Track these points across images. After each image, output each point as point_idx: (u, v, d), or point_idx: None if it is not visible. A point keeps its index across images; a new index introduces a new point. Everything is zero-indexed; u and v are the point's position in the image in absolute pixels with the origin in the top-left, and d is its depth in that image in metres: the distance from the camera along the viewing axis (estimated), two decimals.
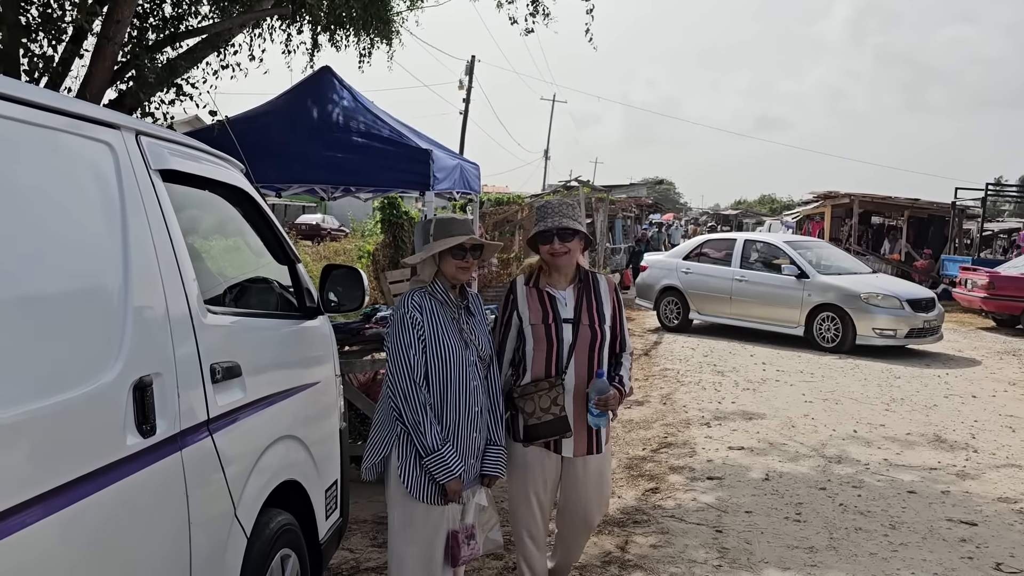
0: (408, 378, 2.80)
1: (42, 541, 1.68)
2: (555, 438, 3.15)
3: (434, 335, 2.86)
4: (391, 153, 5.67)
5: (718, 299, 12.05)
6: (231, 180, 2.96)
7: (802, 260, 11.39)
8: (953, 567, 4.06)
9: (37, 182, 1.87)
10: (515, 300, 3.26)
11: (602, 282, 3.32)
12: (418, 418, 2.79)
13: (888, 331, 10.53)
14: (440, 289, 2.95)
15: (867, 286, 10.95)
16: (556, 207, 3.26)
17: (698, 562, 4.08)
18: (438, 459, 2.78)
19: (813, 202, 26.01)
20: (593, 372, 3.17)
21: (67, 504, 1.76)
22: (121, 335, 2.03)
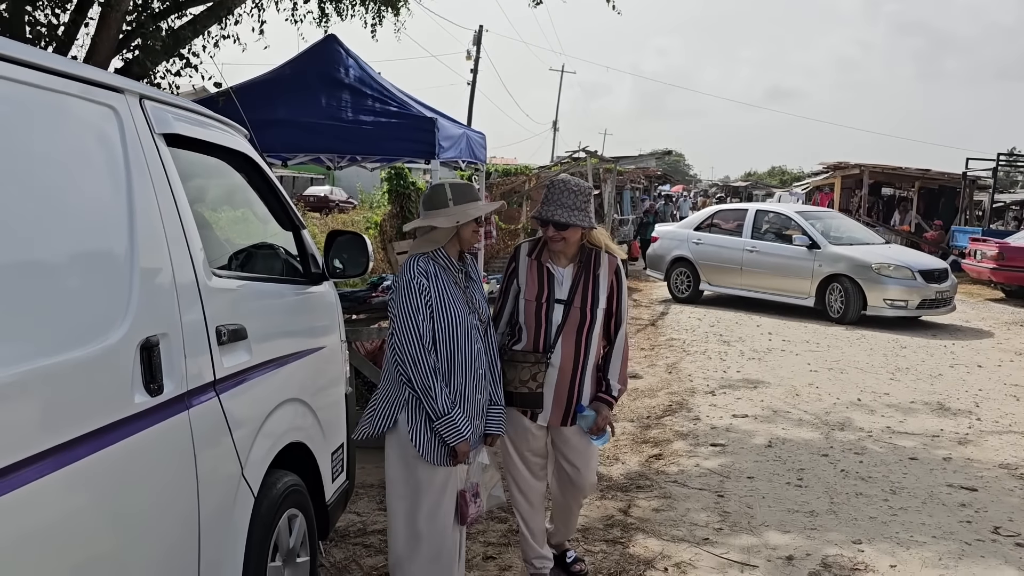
0: (417, 343, 2.81)
1: (53, 494, 1.73)
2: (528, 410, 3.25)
3: (440, 300, 2.88)
4: (396, 122, 5.67)
5: (729, 270, 11.92)
6: (236, 145, 2.98)
7: (813, 230, 11.25)
8: (951, 530, 4.11)
9: (44, 145, 1.90)
10: (516, 269, 3.31)
11: (603, 264, 3.27)
12: (428, 383, 2.81)
13: (899, 302, 10.41)
14: (443, 254, 2.96)
15: (879, 256, 10.82)
16: (558, 194, 3.18)
17: (699, 525, 4.14)
18: (448, 422, 2.81)
19: (823, 173, 25.83)
20: (581, 351, 3.22)
21: (77, 458, 1.80)
22: (128, 296, 2.07)
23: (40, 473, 1.69)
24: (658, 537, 3.99)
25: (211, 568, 2.39)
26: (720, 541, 3.94)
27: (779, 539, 3.97)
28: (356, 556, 3.78)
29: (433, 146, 5.66)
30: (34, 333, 1.75)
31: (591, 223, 3.22)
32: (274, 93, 5.90)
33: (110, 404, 1.95)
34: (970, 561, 3.75)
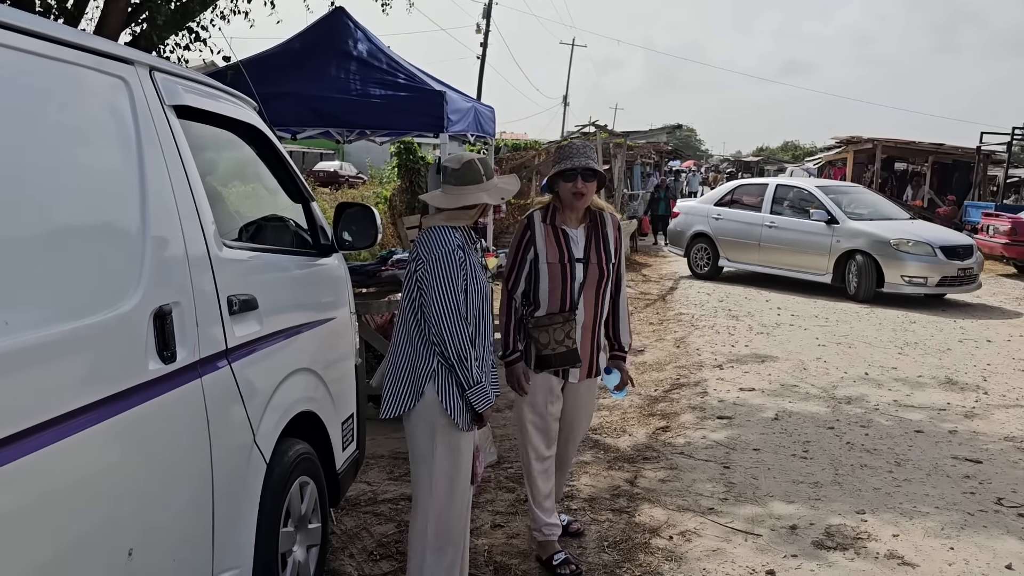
0: (456, 314, 2.81)
1: (71, 457, 1.78)
2: (565, 368, 3.36)
3: (472, 273, 2.90)
4: (404, 95, 5.68)
5: (747, 246, 11.68)
6: (245, 117, 3.00)
7: (833, 205, 10.98)
8: (955, 501, 4.15)
9: (57, 116, 1.94)
10: (533, 237, 3.37)
11: (608, 221, 3.45)
12: (466, 353, 2.82)
13: (918, 279, 10.13)
14: (464, 227, 2.99)
15: (898, 232, 10.50)
16: (579, 148, 3.37)
17: (704, 495, 4.19)
18: (480, 391, 2.85)
19: (835, 148, 25.65)
20: (598, 306, 3.39)
21: (95, 422, 1.85)
22: (140, 265, 2.11)
23: (60, 436, 1.74)
24: (663, 507, 4.04)
25: (225, 532, 2.45)
26: (725, 511, 4.00)
27: (783, 509, 4.02)
28: (366, 524, 3.85)
29: (442, 119, 5.67)
30: (50, 300, 1.79)
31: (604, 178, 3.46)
32: (283, 66, 5.90)
33: (125, 370, 2.00)
34: (972, 531, 3.79)
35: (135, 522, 2.03)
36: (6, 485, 1.59)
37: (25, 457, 1.64)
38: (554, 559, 3.41)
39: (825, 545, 3.62)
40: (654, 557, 3.51)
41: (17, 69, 1.82)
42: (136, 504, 2.03)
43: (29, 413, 1.67)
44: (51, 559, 1.73)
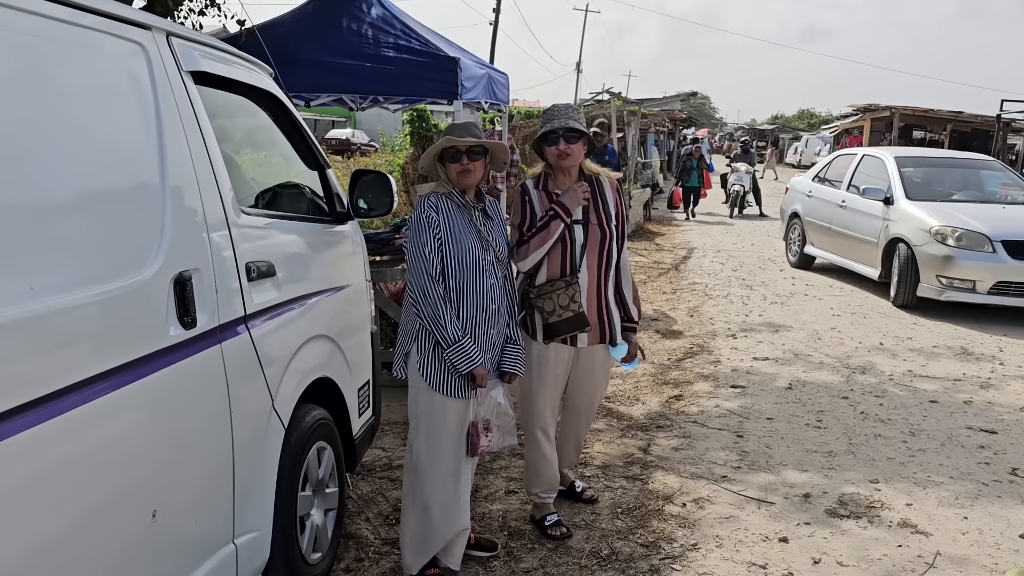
0: (424, 272, 2.87)
1: (93, 422, 1.80)
2: (574, 333, 3.30)
3: (451, 234, 2.92)
4: (419, 62, 5.63)
5: (824, 230, 10.01)
6: (261, 84, 2.99)
7: (896, 179, 8.89)
8: (969, 471, 4.15)
9: (76, 81, 1.93)
10: (530, 200, 3.34)
11: (605, 183, 3.43)
12: (437, 312, 2.85)
13: (962, 282, 7.64)
14: (457, 192, 2.99)
15: (951, 217, 8.03)
16: (561, 109, 3.36)
17: (718, 463, 4.21)
18: (459, 350, 2.85)
19: (852, 116, 25.36)
20: (603, 269, 3.33)
21: (116, 388, 1.87)
22: (160, 231, 2.12)
23: (84, 400, 1.76)
24: (677, 474, 4.06)
25: (245, 495, 2.49)
26: (738, 479, 4.02)
27: (796, 477, 4.04)
28: (382, 489, 3.90)
29: (455, 86, 5.63)
30: (74, 265, 1.81)
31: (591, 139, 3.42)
32: (296, 32, 5.86)
33: (146, 335, 2.02)
34: (986, 501, 3.80)
35: (158, 485, 2.06)
36: (34, 449, 1.62)
37: (51, 420, 1.66)
38: (546, 520, 3.47)
39: (838, 513, 3.64)
40: (667, 524, 3.54)
41: (37, 34, 1.81)
42: (159, 467, 2.06)
43: (54, 377, 1.69)
44: (79, 520, 1.76)
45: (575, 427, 3.67)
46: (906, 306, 8.07)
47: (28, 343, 1.63)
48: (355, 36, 5.81)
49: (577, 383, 3.49)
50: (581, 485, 3.79)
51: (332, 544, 3.21)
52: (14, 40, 1.75)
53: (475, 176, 3.01)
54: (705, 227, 14.97)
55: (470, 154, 2.97)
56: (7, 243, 1.62)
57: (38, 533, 1.65)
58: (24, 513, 1.61)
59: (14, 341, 1.59)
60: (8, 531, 1.57)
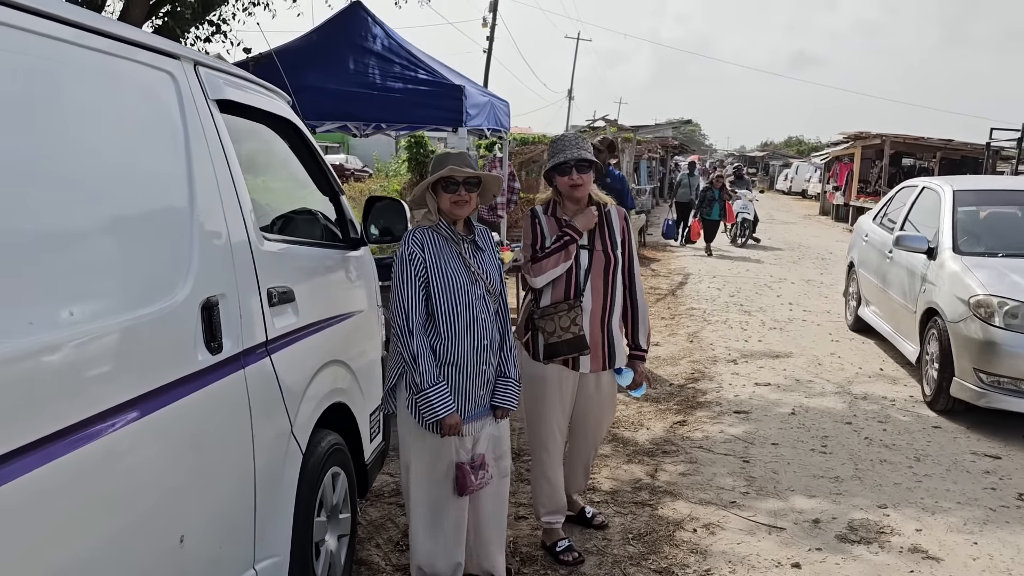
0: (404, 317, 2.84)
1: (128, 446, 1.81)
2: (574, 355, 3.36)
3: (437, 270, 2.88)
4: (425, 90, 5.71)
5: (873, 287, 7.63)
6: (280, 111, 3.03)
7: (948, 220, 6.30)
8: (976, 497, 4.17)
9: (112, 109, 1.96)
10: (542, 226, 3.41)
11: (613, 212, 3.48)
12: (411, 354, 2.83)
13: (1012, 381, 5.09)
14: (445, 225, 2.95)
15: (1005, 281, 5.43)
16: (571, 140, 3.42)
17: (726, 489, 4.22)
18: (423, 397, 2.82)
19: (843, 143, 25.61)
20: (608, 294, 3.38)
21: (148, 412, 1.88)
22: (189, 257, 2.14)
23: (121, 423, 1.77)
24: (686, 500, 4.07)
25: (265, 521, 2.49)
26: (747, 504, 4.02)
27: (805, 503, 4.05)
28: (391, 515, 3.89)
29: (460, 114, 5.70)
30: (110, 291, 1.83)
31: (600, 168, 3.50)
32: (303, 60, 5.92)
33: (177, 360, 2.03)
34: (995, 526, 3.82)
35: (186, 509, 2.06)
36: (76, 472, 1.63)
37: (92, 443, 1.67)
38: (558, 546, 3.47)
39: (849, 539, 3.65)
40: (679, 549, 3.54)
41: (78, 64, 1.85)
42: (187, 491, 2.07)
43: (93, 401, 1.70)
44: (112, 543, 1.77)
45: (583, 452, 3.69)
46: (941, 410, 5.56)
47: (69, 367, 1.64)
48: (361, 64, 5.88)
49: (584, 408, 3.51)
50: (591, 511, 3.80)
51: (345, 571, 3.19)
52: (56, 70, 1.78)
53: (469, 207, 2.97)
54: (699, 254, 14.96)
55: (467, 185, 2.93)
56: (49, 269, 1.64)
57: (77, 556, 1.65)
58: (64, 536, 1.61)
59: (56, 365, 1.61)
60: (51, 552, 1.57)
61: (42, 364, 1.58)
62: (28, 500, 1.52)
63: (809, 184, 36.79)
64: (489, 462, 3.02)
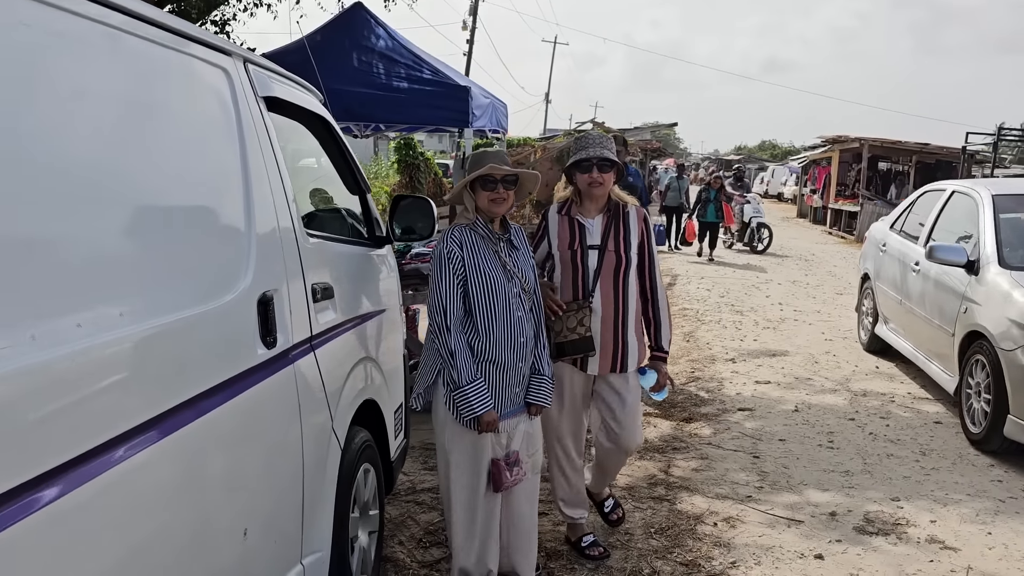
0: (442, 315, 2.85)
1: (201, 439, 1.82)
2: (580, 356, 3.33)
3: (476, 268, 2.89)
4: (431, 91, 5.73)
5: (895, 303, 6.73)
6: (316, 109, 3.04)
7: (990, 230, 5.51)
8: (984, 489, 4.27)
9: (180, 106, 1.97)
10: (547, 227, 3.43)
11: (632, 212, 3.44)
12: (448, 354, 2.85)
13: None
14: (482, 224, 2.96)
15: None
16: (596, 139, 3.40)
17: (740, 484, 4.28)
18: (461, 395, 2.84)
19: (821, 147, 25.94)
20: (620, 296, 3.34)
21: (216, 406, 1.89)
22: (248, 252, 2.15)
23: (195, 416, 1.78)
24: (702, 495, 4.12)
25: (311, 516, 2.50)
26: (763, 499, 4.09)
27: (819, 497, 4.12)
28: (411, 513, 3.90)
29: (467, 114, 5.73)
30: (180, 285, 1.83)
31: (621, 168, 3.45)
32: (306, 61, 5.90)
33: (241, 354, 2.04)
34: (1006, 516, 3.92)
35: (248, 504, 2.07)
36: (154, 463, 1.63)
37: (169, 436, 1.68)
38: (583, 541, 3.50)
39: (867, 531, 3.73)
40: (702, 543, 3.59)
41: (146, 60, 1.85)
42: (248, 485, 2.08)
43: (173, 394, 1.71)
44: (190, 534, 1.77)
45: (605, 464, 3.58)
46: (993, 451, 4.83)
47: (144, 362, 1.64)
48: (366, 65, 5.89)
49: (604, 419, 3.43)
50: (611, 503, 3.76)
51: (375, 567, 3.21)
52: (128, 65, 1.78)
53: (507, 205, 3.00)
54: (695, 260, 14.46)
55: (504, 183, 2.96)
56: (133, 263, 1.65)
57: (160, 547, 1.66)
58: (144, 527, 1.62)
59: (131, 360, 1.61)
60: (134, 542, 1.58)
61: (121, 358, 1.58)
62: (123, 490, 1.53)
63: (785, 187, 37.19)
64: (523, 459, 3.04)
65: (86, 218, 1.53)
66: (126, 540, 1.55)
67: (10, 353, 1.27)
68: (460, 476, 2.98)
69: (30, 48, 1.44)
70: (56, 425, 1.37)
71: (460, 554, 3.03)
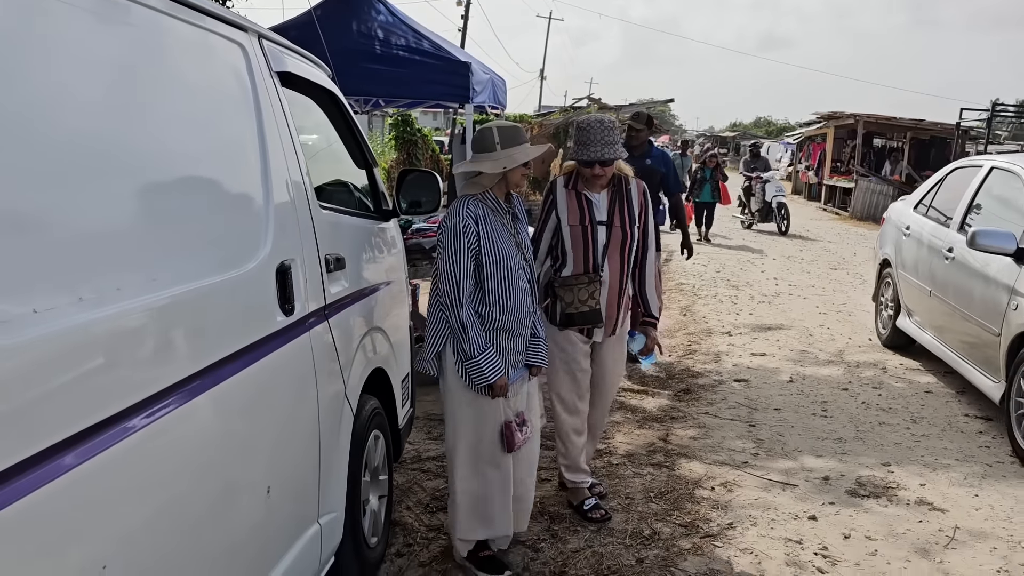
0: (455, 287, 2.91)
1: (228, 397, 1.91)
2: (589, 326, 3.50)
3: (489, 243, 2.95)
4: (432, 65, 5.76)
5: (922, 294, 5.95)
6: (325, 83, 3.11)
7: None
8: (972, 454, 4.41)
9: (201, 81, 2.05)
10: (555, 200, 3.52)
11: (634, 187, 3.56)
12: (460, 326, 2.93)
13: None
14: (491, 196, 3.02)
15: None
16: (598, 135, 3.39)
17: (737, 451, 4.40)
18: (473, 365, 2.92)
19: (816, 123, 25.97)
20: (625, 268, 3.50)
21: (241, 368, 1.98)
22: (267, 222, 2.23)
23: (224, 376, 1.87)
24: (700, 461, 4.25)
25: (327, 477, 2.60)
26: (759, 464, 4.21)
27: (813, 462, 4.25)
28: (417, 480, 4.01)
29: (467, 90, 5.77)
30: (211, 252, 1.92)
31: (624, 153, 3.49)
32: (307, 37, 5.91)
33: (262, 320, 2.13)
34: (993, 480, 4.05)
35: (270, 462, 2.17)
36: (191, 419, 1.73)
37: (202, 395, 1.77)
38: (585, 504, 3.63)
39: (859, 494, 3.86)
40: (700, 506, 3.71)
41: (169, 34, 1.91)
42: (270, 445, 2.17)
43: (202, 356, 1.80)
44: (218, 491, 1.87)
45: (598, 413, 3.80)
46: None
47: (183, 322, 1.73)
48: (366, 40, 5.91)
49: (599, 372, 3.66)
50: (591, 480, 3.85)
51: (385, 529, 3.32)
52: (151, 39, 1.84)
53: (526, 179, 3.13)
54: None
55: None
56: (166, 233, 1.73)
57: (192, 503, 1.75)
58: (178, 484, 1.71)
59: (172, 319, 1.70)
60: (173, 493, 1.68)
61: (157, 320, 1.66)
62: (163, 441, 1.62)
63: (780, 164, 37.22)
64: (528, 419, 3.15)
65: (128, 191, 1.63)
66: (166, 491, 1.65)
67: (60, 313, 1.35)
68: (486, 438, 3.04)
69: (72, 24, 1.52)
70: (102, 380, 1.46)
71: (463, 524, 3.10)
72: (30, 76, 1.40)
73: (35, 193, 1.36)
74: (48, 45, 1.46)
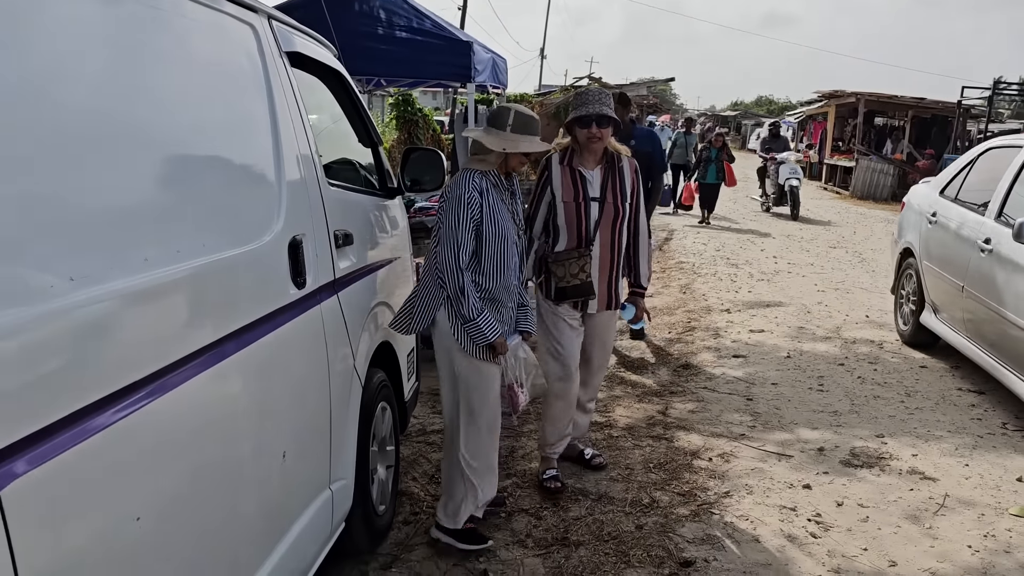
0: (455, 255, 3.00)
1: (245, 365, 2.00)
2: (580, 299, 3.61)
3: (490, 216, 3.04)
4: (434, 44, 5.81)
5: (953, 289, 5.34)
6: (332, 63, 3.17)
7: None
8: (964, 426, 4.51)
9: (217, 61, 2.12)
10: (550, 176, 3.61)
11: (626, 164, 3.65)
12: (458, 291, 3.02)
13: None
14: (494, 172, 3.12)
15: None
16: (595, 95, 3.57)
17: (734, 424, 4.51)
18: (473, 327, 3.02)
19: (817, 101, 25.93)
20: (616, 242, 3.61)
21: (257, 338, 2.07)
22: (279, 198, 2.31)
23: (240, 346, 1.96)
24: (698, 433, 4.35)
25: (338, 445, 2.71)
26: (755, 436, 4.32)
27: (809, 434, 4.35)
28: (422, 452, 4.11)
29: (469, 69, 5.83)
30: (229, 225, 2.00)
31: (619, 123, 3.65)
32: (308, 16, 5.96)
33: (276, 292, 2.22)
34: (983, 451, 4.16)
35: (285, 428, 2.26)
36: (215, 383, 1.82)
37: (224, 361, 1.86)
38: (545, 474, 3.74)
39: (852, 464, 3.96)
40: (698, 475, 3.82)
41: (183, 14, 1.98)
42: (284, 412, 2.27)
43: (222, 324, 1.89)
44: (241, 453, 1.97)
45: (591, 381, 3.91)
46: None
47: (204, 291, 1.82)
48: (368, 19, 5.95)
49: (591, 342, 3.76)
50: (591, 452, 3.99)
51: (392, 498, 3.43)
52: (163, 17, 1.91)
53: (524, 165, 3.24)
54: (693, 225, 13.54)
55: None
56: (187, 207, 1.82)
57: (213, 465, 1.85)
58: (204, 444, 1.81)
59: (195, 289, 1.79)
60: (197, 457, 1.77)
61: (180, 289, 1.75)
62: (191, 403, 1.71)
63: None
64: (524, 384, 3.26)
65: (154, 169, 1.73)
66: (194, 450, 1.74)
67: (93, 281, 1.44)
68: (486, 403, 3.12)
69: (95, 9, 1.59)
70: (134, 344, 1.55)
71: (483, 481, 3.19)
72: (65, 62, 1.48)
73: (72, 172, 1.44)
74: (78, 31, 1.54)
